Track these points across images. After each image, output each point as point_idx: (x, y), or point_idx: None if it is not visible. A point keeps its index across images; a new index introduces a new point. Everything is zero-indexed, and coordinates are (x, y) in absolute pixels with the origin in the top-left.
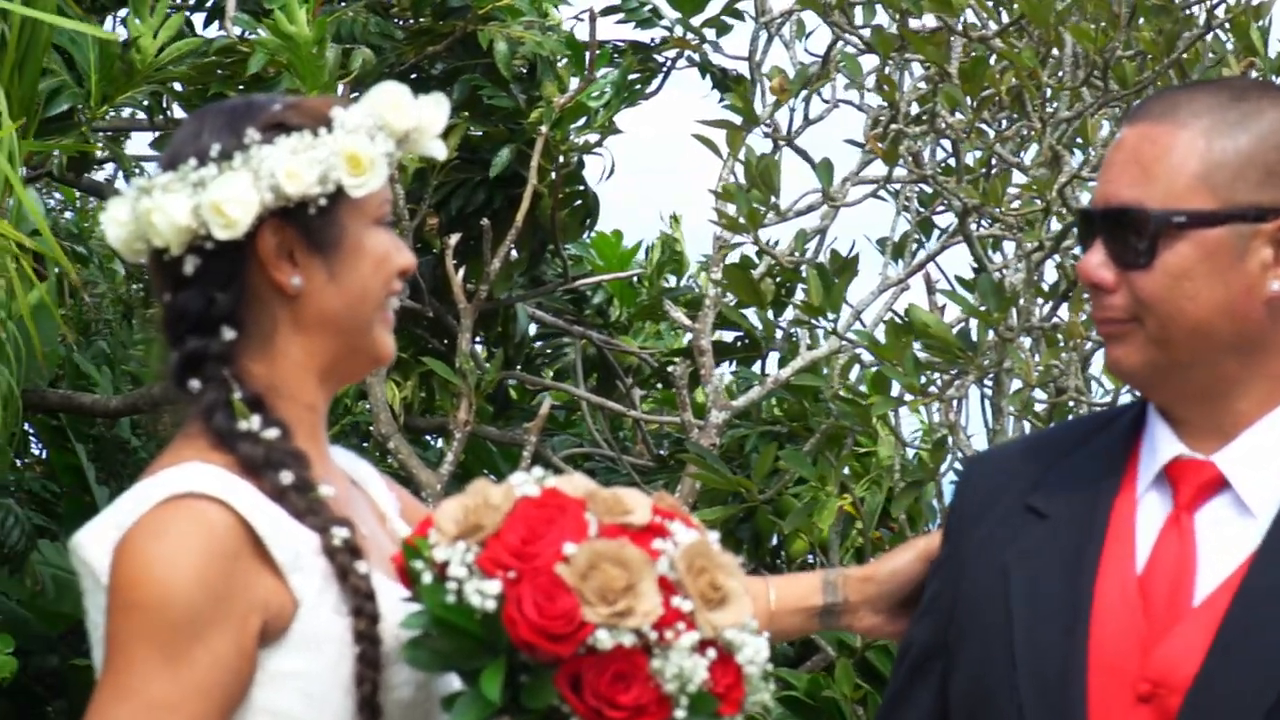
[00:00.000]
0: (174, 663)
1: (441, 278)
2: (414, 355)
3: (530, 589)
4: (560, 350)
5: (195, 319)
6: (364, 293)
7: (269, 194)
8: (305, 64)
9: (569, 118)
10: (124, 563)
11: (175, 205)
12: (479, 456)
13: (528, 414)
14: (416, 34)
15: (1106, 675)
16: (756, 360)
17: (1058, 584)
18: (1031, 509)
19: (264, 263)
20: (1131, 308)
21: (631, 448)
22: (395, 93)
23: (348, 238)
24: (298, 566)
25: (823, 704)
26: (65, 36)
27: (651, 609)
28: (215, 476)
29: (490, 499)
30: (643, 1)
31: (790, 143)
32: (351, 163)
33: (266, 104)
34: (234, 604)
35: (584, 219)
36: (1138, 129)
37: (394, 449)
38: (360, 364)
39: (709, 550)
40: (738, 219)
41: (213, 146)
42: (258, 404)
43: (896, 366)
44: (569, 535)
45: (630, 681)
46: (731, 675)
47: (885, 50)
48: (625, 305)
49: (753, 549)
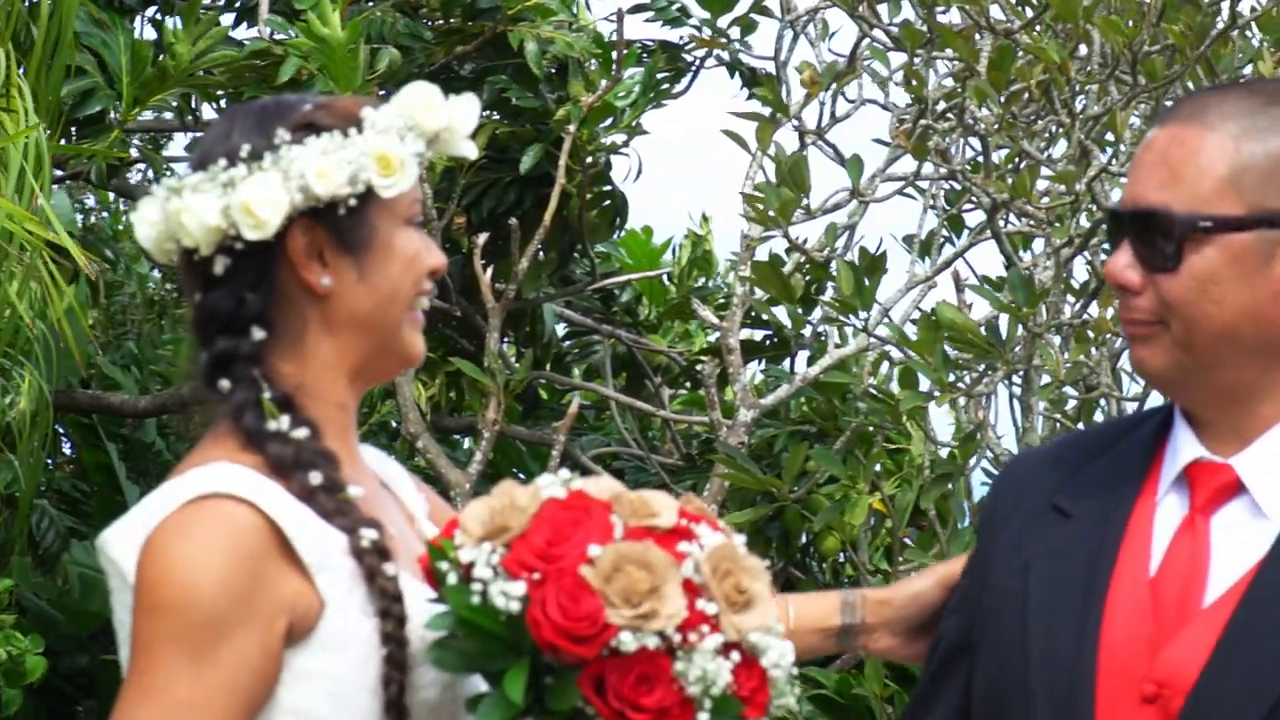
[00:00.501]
0: (199, 663)
1: (470, 277)
2: (442, 355)
3: (554, 591)
4: (589, 349)
5: (225, 319)
6: (394, 293)
7: (298, 194)
8: (339, 66)
9: (596, 118)
10: (150, 563)
11: (205, 206)
12: (508, 456)
13: (557, 413)
14: (445, 34)
15: (1115, 676)
16: (785, 359)
17: (1075, 584)
18: (1057, 508)
19: (294, 263)
20: (1157, 310)
21: (660, 447)
22: (426, 93)
23: (378, 238)
24: (325, 567)
25: (852, 702)
26: (96, 39)
27: (675, 611)
28: (242, 477)
29: (516, 500)
30: (671, 0)
31: (821, 137)
32: (381, 163)
33: (297, 104)
34: (259, 605)
35: (613, 219)
36: (1167, 130)
37: (422, 448)
38: (390, 364)
39: (735, 553)
40: (768, 213)
41: (243, 147)
42: (287, 404)
43: (927, 361)
44: (594, 537)
45: (654, 684)
46: (756, 678)
47: (913, 44)
48: (654, 304)
49: (782, 547)
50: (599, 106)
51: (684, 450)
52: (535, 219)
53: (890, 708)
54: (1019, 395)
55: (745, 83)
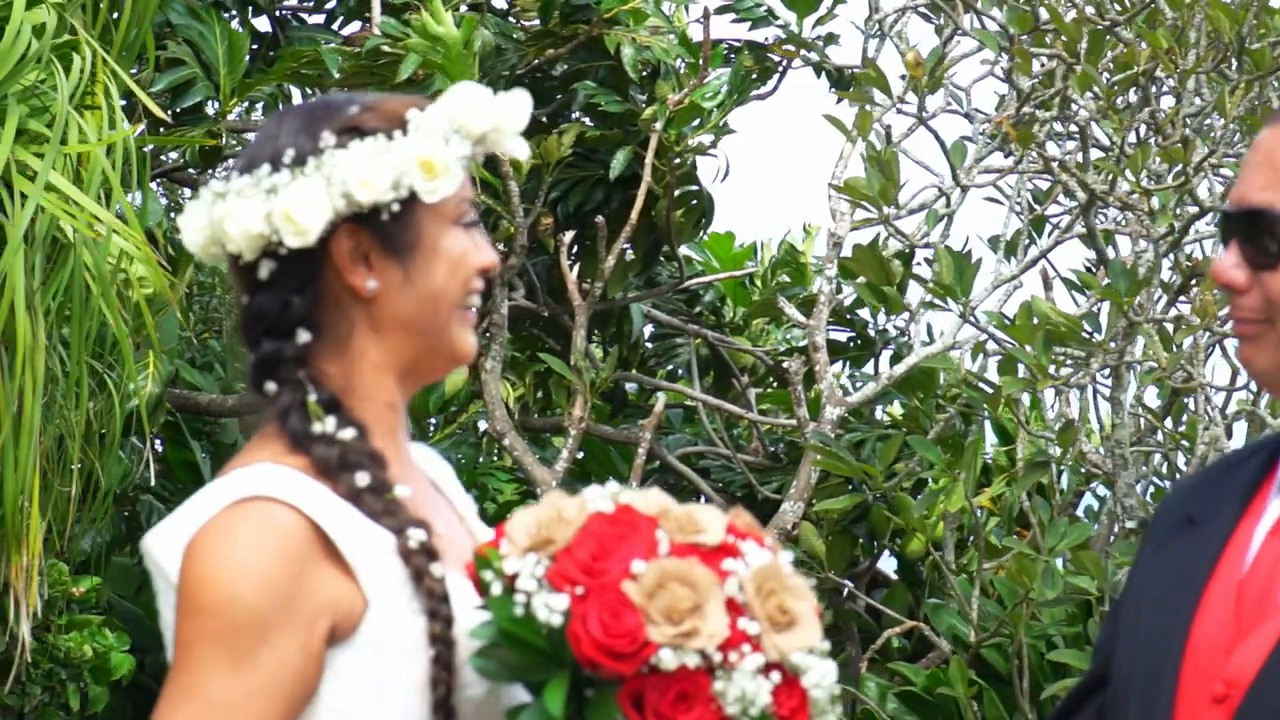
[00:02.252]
0: (239, 665)
1: (556, 277)
2: (530, 355)
3: (597, 606)
4: (675, 350)
5: (271, 322)
6: (440, 294)
7: (341, 200)
8: (455, 64)
9: (683, 118)
10: (192, 564)
11: (248, 212)
12: (595, 455)
13: (643, 413)
14: (538, 36)
15: (1196, 676)
16: (868, 360)
17: (1181, 586)
18: (1188, 518)
19: (339, 267)
20: (1263, 308)
21: (746, 446)
22: (472, 94)
23: (424, 240)
24: (370, 567)
25: (939, 700)
26: (194, 30)
27: (717, 630)
28: (286, 478)
29: (563, 512)
30: (757, 1)
31: (924, 122)
32: (425, 168)
33: (344, 105)
34: (300, 607)
35: (698, 219)
36: (1273, 130)
37: (508, 445)
38: (439, 364)
39: (780, 572)
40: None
41: (287, 152)
42: (334, 405)
43: (1026, 350)
44: (639, 553)
45: (693, 702)
46: (797, 698)
47: (1023, 28)
48: (738, 305)
49: (868, 546)
50: (686, 107)
51: (769, 449)
52: (621, 218)
53: (977, 705)
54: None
55: (832, 83)
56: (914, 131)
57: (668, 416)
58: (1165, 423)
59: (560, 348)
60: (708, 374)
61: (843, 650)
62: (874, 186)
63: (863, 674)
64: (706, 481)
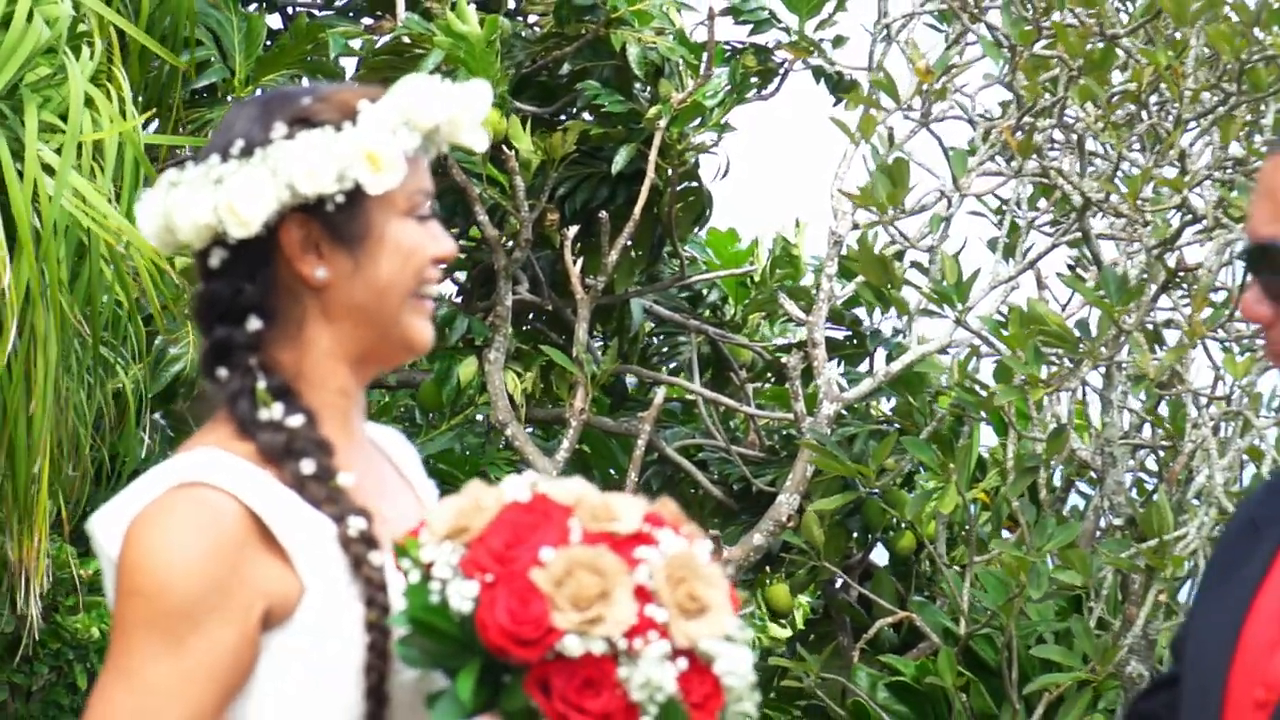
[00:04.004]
0: (173, 648)
1: (560, 271)
2: (533, 347)
3: (505, 593)
4: (676, 346)
5: (223, 308)
6: (390, 284)
7: (286, 191)
8: (478, 60)
9: (686, 117)
10: (129, 548)
11: (196, 202)
12: (595, 446)
13: (644, 406)
14: (546, 35)
15: (1242, 679)
16: (864, 358)
17: (1238, 590)
18: (1253, 522)
19: (289, 256)
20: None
21: (743, 439)
22: (423, 86)
23: (373, 231)
24: (308, 554)
25: (928, 690)
26: (212, 19)
27: (623, 617)
28: (226, 464)
29: (480, 501)
30: (759, 5)
31: (926, 126)
32: (370, 160)
33: (298, 96)
34: (235, 592)
35: (698, 215)
36: (1274, 161)
37: (511, 436)
38: (393, 352)
39: (692, 561)
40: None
41: (236, 142)
42: (283, 392)
43: (1018, 356)
44: (550, 541)
45: (599, 688)
46: (709, 685)
47: (1026, 41)
48: (738, 302)
49: (863, 538)
50: (689, 106)
51: (766, 443)
52: (625, 214)
53: (965, 696)
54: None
55: (831, 89)
56: (915, 134)
57: (667, 410)
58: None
59: (563, 340)
60: (707, 369)
61: (834, 640)
62: (881, 193)
63: (854, 664)
64: (704, 473)
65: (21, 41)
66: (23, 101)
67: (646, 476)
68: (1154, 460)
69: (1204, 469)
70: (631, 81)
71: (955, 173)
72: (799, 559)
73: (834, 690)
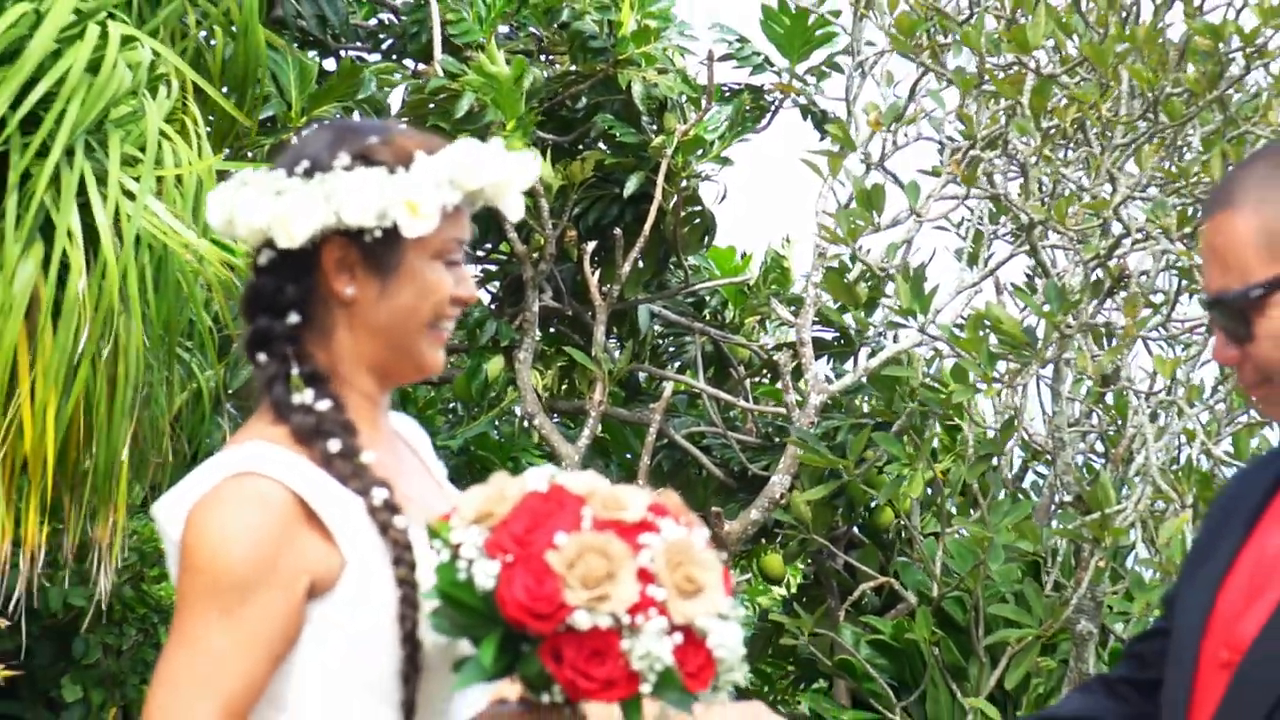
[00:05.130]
0: (229, 618)
1: (579, 281)
2: (556, 349)
3: (522, 572)
4: (682, 347)
5: (266, 301)
6: (410, 313)
7: (332, 216)
8: (506, 98)
9: (689, 148)
10: (190, 531)
11: (256, 207)
12: (613, 434)
13: (654, 399)
14: (564, 74)
15: (1213, 642)
16: (850, 356)
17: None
18: (1234, 498)
19: (326, 271)
20: (1259, 373)
21: (741, 428)
22: (475, 153)
23: (403, 266)
24: (346, 530)
25: (905, 645)
26: (270, 60)
27: (627, 596)
28: (273, 456)
29: (504, 490)
30: (755, 50)
31: (881, 166)
32: (409, 207)
33: (366, 133)
34: (283, 568)
35: (703, 235)
36: (1209, 221)
37: (538, 425)
38: (407, 371)
39: (689, 547)
40: (838, 233)
41: (303, 163)
42: (314, 379)
43: (973, 359)
44: (564, 527)
45: (605, 658)
46: (702, 657)
47: (966, 88)
48: (737, 307)
49: (848, 515)
50: (691, 138)
51: (761, 431)
52: (635, 232)
53: (937, 650)
54: (1050, 384)
55: (816, 125)
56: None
57: (674, 402)
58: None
59: (583, 342)
60: (710, 366)
61: (824, 603)
62: (844, 225)
63: (840, 623)
64: (708, 458)
65: (108, 83)
66: (108, 135)
67: (657, 460)
68: (1102, 444)
69: (1142, 452)
70: (639, 115)
71: (910, 202)
72: (790, 532)
73: (823, 646)
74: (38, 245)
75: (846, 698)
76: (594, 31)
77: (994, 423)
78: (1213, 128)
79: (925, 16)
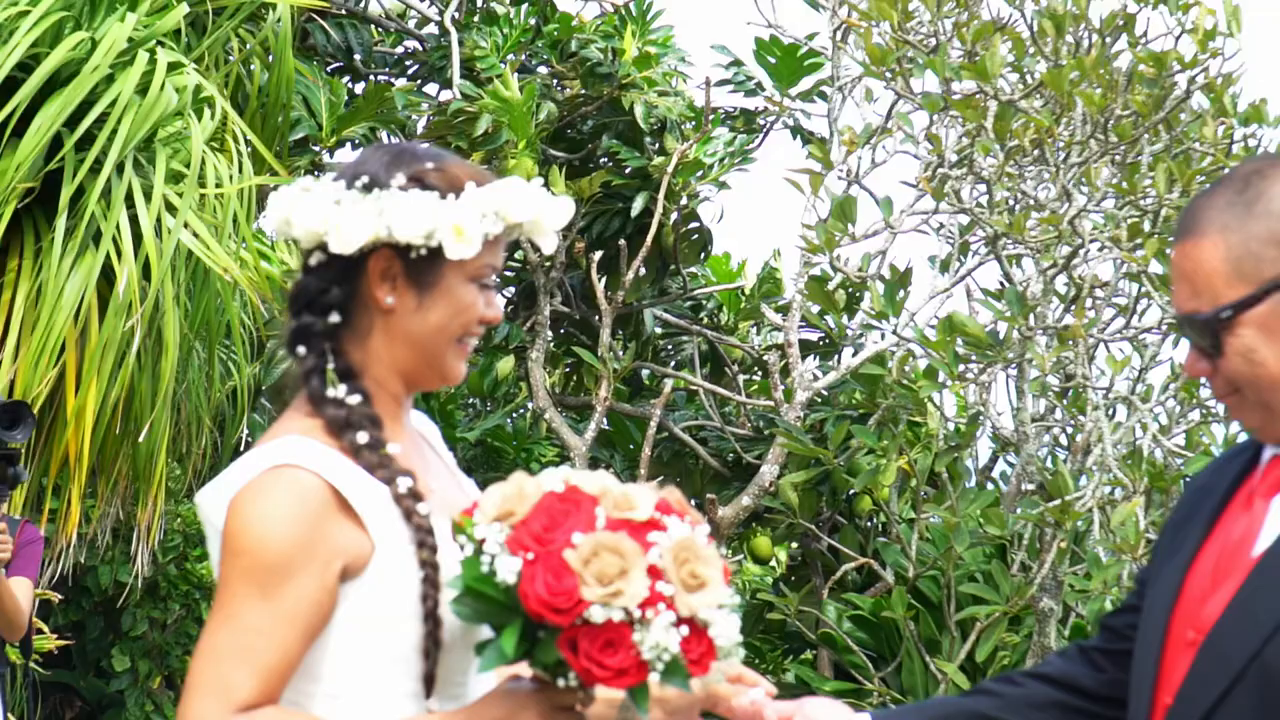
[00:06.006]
0: (268, 597)
1: (587, 287)
2: (565, 349)
3: (543, 569)
4: (681, 347)
5: (310, 299)
6: (441, 328)
7: (384, 230)
8: (518, 120)
9: (689, 170)
10: (233, 518)
11: (314, 213)
12: (617, 427)
13: (656, 395)
14: (574, 97)
15: (1180, 622)
16: (834, 355)
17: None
18: (1202, 488)
19: (370, 278)
20: (1229, 384)
21: (735, 420)
22: (519, 190)
23: (442, 283)
24: (375, 517)
25: (883, 621)
26: (302, 84)
27: (638, 592)
28: (308, 448)
29: (523, 490)
30: (748, 75)
31: (858, 182)
32: (456, 231)
33: (424, 158)
34: (318, 552)
35: (700, 249)
36: (1177, 249)
37: (548, 419)
38: (431, 379)
39: (694, 545)
40: (817, 242)
41: (363, 177)
42: (347, 375)
43: (942, 358)
44: (580, 526)
45: (617, 648)
46: (705, 645)
47: (932, 110)
48: (731, 311)
49: (830, 500)
50: (690, 162)
51: (754, 424)
52: (638, 243)
53: (913, 625)
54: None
55: (805, 143)
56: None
57: (674, 398)
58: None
59: (590, 343)
60: (706, 365)
61: (809, 582)
62: (822, 237)
63: (824, 600)
64: (704, 449)
65: (155, 105)
66: (155, 153)
67: (658, 451)
68: (1064, 437)
69: (1099, 445)
70: (641, 135)
71: (885, 215)
72: (779, 517)
73: (809, 621)
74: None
75: (830, 668)
76: (600, 58)
77: (962, 418)
78: (1161, 145)
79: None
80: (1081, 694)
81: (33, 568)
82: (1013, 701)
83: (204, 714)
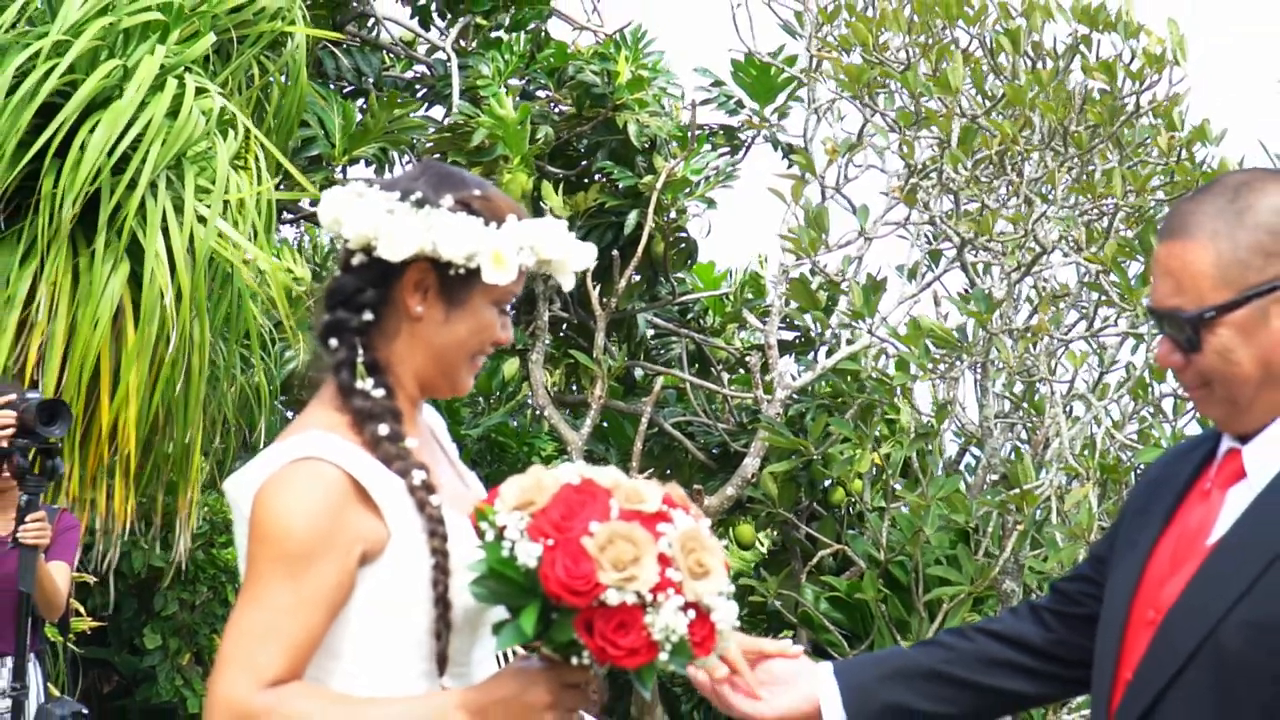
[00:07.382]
0: (292, 580)
1: (583, 293)
2: (563, 351)
3: (562, 554)
4: (670, 347)
5: (347, 296)
6: (461, 343)
7: (429, 245)
8: (512, 137)
9: (678, 186)
10: (260, 506)
11: (367, 218)
12: (611, 423)
13: (647, 392)
14: (570, 116)
15: (1141, 603)
16: (810, 353)
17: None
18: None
19: (405, 286)
20: (1200, 378)
21: (720, 416)
22: (554, 231)
23: (470, 302)
24: (392, 507)
25: (857, 602)
26: (316, 105)
27: (650, 577)
28: (330, 441)
29: (542, 482)
30: (729, 95)
31: (839, 191)
32: (495, 258)
33: (471, 185)
34: (339, 539)
35: (687, 258)
36: (1163, 246)
37: (547, 415)
38: (443, 387)
39: (700, 535)
40: (802, 245)
41: (416, 192)
42: (374, 369)
43: (913, 352)
44: (596, 516)
45: (629, 630)
46: (708, 629)
47: (905, 123)
48: (717, 315)
49: (809, 490)
50: (679, 179)
51: (737, 419)
52: (630, 253)
53: (884, 606)
54: (979, 379)
55: (785, 154)
56: (830, 198)
57: (664, 395)
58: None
59: (586, 344)
60: (694, 364)
61: (788, 566)
62: (805, 240)
63: (802, 583)
64: (692, 442)
65: (184, 127)
66: (184, 170)
67: (649, 445)
68: (1025, 431)
69: (1058, 438)
70: (634, 152)
71: (860, 223)
72: (760, 506)
73: (789, 603)
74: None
75: (807, 647)
76: (595, 81)
77: (930, 411)
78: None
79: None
80: (1028, 650)
81: (70, 553)
82: (963, 655)
83: (235, 687)
